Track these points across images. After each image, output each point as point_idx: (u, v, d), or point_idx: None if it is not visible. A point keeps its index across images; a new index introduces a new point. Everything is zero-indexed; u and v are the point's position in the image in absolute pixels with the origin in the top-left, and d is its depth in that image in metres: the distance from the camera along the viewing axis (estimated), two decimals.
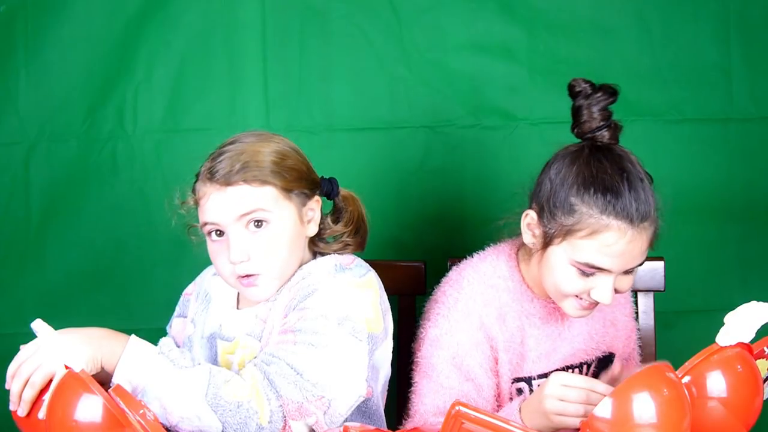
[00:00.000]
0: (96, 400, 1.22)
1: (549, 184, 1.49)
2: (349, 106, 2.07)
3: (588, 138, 1.51)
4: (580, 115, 1.51)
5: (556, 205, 1.47)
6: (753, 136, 2.07)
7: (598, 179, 1.45)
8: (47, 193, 2.09)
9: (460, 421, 1.15)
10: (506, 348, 1.57)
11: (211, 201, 1.46)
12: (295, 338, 1.41)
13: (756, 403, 1.35)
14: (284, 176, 1.48)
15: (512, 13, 2.05)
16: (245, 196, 1.45)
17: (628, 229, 1.43)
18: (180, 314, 1.68)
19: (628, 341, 1.70)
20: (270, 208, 1.46)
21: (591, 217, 1.44)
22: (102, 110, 2.07)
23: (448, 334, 1.56)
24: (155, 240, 2.08)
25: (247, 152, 1.47)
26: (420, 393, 1.57)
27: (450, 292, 1.60)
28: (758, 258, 2.09)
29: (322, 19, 2.06)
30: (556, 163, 1.51)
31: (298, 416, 1.36)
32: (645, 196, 1.46)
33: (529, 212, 1.53)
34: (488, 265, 1.61)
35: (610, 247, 1.44)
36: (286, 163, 1.49)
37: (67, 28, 2.06)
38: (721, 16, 2.06)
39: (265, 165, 1.46)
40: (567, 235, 1.46)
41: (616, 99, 1.51)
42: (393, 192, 2.10)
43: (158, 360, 1.33)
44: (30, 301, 2.09)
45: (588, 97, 1.50)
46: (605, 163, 1.47)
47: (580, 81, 1.53)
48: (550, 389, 1.38)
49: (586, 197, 1.45)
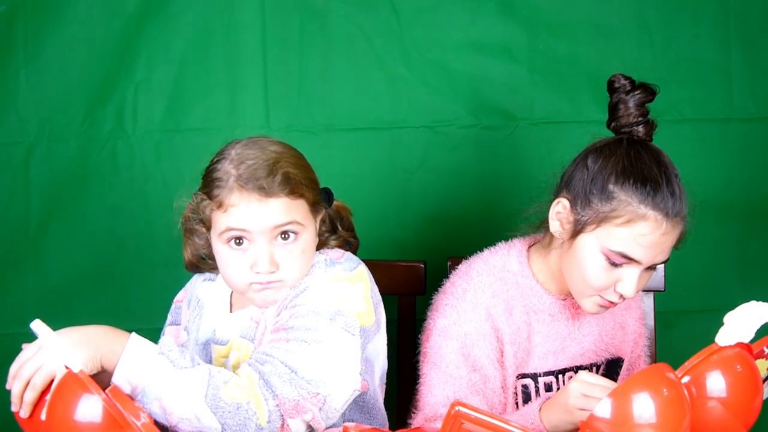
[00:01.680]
0: (95, 400, 1.22)
1: (585, 172, 1.51)
2: (349, 106, 2.07)
3: (624, 132, 1.53)
4: (618, 110, 1.54)
5: (593, 192, 1.48)
6: (753, 136, 2.07)
7: (638, 169, 1.48)
8: (47, 193, 2.09)
9: (460, 421, 1.15)
10: (512, 341, 1.57)
11: (245, 210, 1.43)
12: (288, 336, 1.41)
13: (755, 403, 1.35)
14: (312, 189, 1.49)
15: (512, 13, 2.05)
16: (284, 209, 1.44)
17: (664, 222, 1.45)
18: (172, 322, 1.68)
19: (635, 346, 1.70)
20: (302, 221, 1.47)
21: (629, 206, 1.45)
22: (102, 110, 2.07)
23: (456, 324, 1.57)
24: (155, 240, 2.08)
25: (281, 162, 1.45)
26: (429, 384, 1.58)
27: (459, 283, 1.61)
28: (758, 258, 2.09)
29: (322, 19, 2.06)
30: (591, 154, 1.52)
31: (295, 414, 1.36)
32: (680, 193, 1.48)
33: (561, 200, 1.53)
34: (498, 259, 1.62)
35: (645, 237, 1.45)
36: (310, 175, 1.50)
37: (67, 28, 2.05)
38: (721, 16, 2.06)
39: (300, 177, 1.46)
40: (602, 222, 1.47)
41: (654, 98, 1.54)
42: (393, 192, 2.10)
43: (158, 360, 1.33)
44: (30, 301, 2.09)
45: (627, 93, 1.53)
46: (644, 155, 1.50)
47: (620, 77, 1.55)
48: (575, 385, 1.40)
49: (626, 185, 1.46)
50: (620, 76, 1.55)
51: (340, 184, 2.08)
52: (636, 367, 1.70)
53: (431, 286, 1.81)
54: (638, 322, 1.70)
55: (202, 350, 1.57)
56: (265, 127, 2.05)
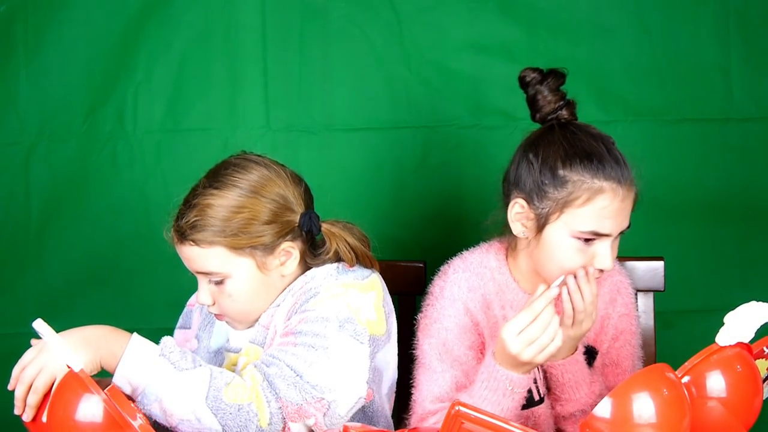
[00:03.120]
0: (96, 400, 1.22)
1: (531, 167, 1.52)
2: (349, 106, 2.07)
3: (551, 120, 1.56)
4: (537, 101, 1.56)
5: (545, 182, 1.49)
6: (753, 136, 2.07)
7: (579, 148, 1.50)
8: (47, 193, 2.09)
9: (460, 421, 1.15)
10: (491, 335, 1.58)
11: (177, 249, 1.49)
12: (296, 340, 1.41)
13: (755, 403, 1.35)
14: (235, 235, 1.45)
15: (512, 13, 2.05)
16: (196, 257, 1.46)
17: (619, 188, 1.48)
18: (182, 325, 1.68)
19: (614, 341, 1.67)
20: (218, 269, 1.46)
21: (584, 183, 1.47)
22: (102, 110, 2.08)
23: (436, 321, 1.58)
24: (155, 240, 2.06)
25: (199, 207, 1.45)
26: (417, 383, 1.59)
27: (437, 282, 1.63)
28: (758, 258, 2.09)
29: (322, 19, 2.06)
30: (529, 149, 1.54)
31: (298, 418, 1.36)
32: (623, 159, 1.51)
33: (516, 200, 1.54)
34: (476, 257, 1.63)
35: (606, 209, 1.47)
36: (238, 219, 1.45)
37: (67, 28, 2.06)
38: (721, 16, 2.06)
39: (214, 225, 1.44)
40: (564, 207, 1.48)
41: (565, 80, 1.55)
42: (393, 192, 2.10)
43: (158, 362, 1.32)
44: (30, 301, 2.09)
45: (540, 83, 1.55)
46: (578, 133, 1.52)
47: (528, 71, 1.57)
48: (513, 346, 1.40)
49: (575, 166, 1.48)
50: (528, 70, 1.57)
51: (340, 184, 2.08)
52: (620, 366, 1.68)
53: None
54: (624, 319, 1.68)
55: (214, 358, 1.57)
56: (265, 127, 2.05)
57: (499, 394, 1.46)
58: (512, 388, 1.46)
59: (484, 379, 1.47)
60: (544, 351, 1.41)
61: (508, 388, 1.46)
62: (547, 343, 1.41)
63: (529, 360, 1.41)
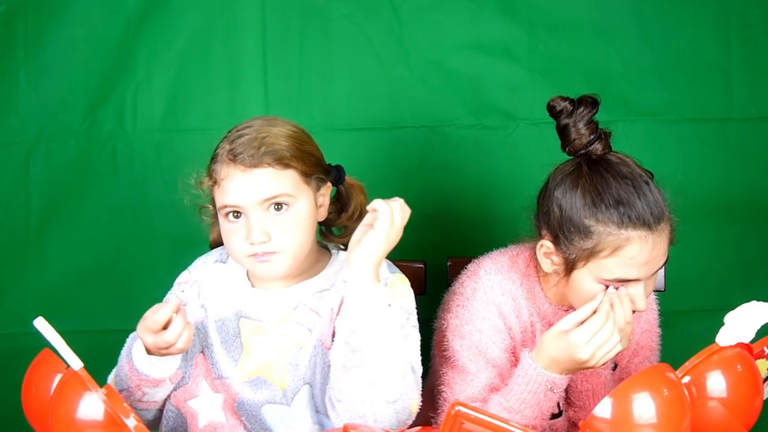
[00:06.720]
0: (96, 398, 1.22)
1: (558, 210, 1.47)
2: (349, 106, 2.07)
3: (581, 155, 1.49)
4: (568, 134, 1.50)
5: (571, 230, 1.45)
6: (753, 136, 2.07)
7: (606, 194, 1.44)
8: (47, 193, 2.09)
9: (460, 421, 1.15)
10: (522, 339, 1.57)
11: (234, 183, 1.47)
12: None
13: (756, 403, 1.35)
14: (304, 160, 1.50)
15: (512, 13, 2.05)
16: (270, 179, 1.46)
17: (649, 236, 1.42)
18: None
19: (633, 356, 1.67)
20: (291, 192, 1.48)
21: (610, 235, 1.42)
22: (102, 110, 2.07)
23: (468, 323, 1.56)
24: (155, 240, 2.08)
25: (270, 135, 1.48)
26: (449, 384, 1.57)
27: (468, 283, 1.60)
28: (758, 258, 2.09)
29: (322, 19, 2.06)
30: (558, 188, 1.48)
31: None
32: (654, 198, 1.45)
33: (543, 243, 1.51)
34: (507, 259, 1.61)
35: (635, 258, 1.43)
36: (305, 147, 1.52)
37: (67, 28, 2.06)
38: (721, 16, 2.06)
39: (288, 149, 1.49)
40: (590, 257, 1.44)
41: (598, 109, 1.50)
42: (393, 192, 2.07)
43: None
44: (30, 301, 2.08)
45: (571, 115, 1.49)
46: (607, 176, 1.45)
47: (558, 100, 1.52)
48: (583, 352, 1.40)
49: (600, 215, 1.43)
50: (559, 99, 1.51)
51: None
52: None
53: (431, 286, 1.81)
54: (645, 334, 1.67)
55: (222, 326, 1.57)
56: None
57: (539, 395, 1.45)
58: (552, 389, 1.45)
59: (522, 381, 1.46)
60: (608, 354, 1.40)
61: (548, 388, 1.45)
62: (614, 347, 1.40)
63: (594, 364, 1.40)
